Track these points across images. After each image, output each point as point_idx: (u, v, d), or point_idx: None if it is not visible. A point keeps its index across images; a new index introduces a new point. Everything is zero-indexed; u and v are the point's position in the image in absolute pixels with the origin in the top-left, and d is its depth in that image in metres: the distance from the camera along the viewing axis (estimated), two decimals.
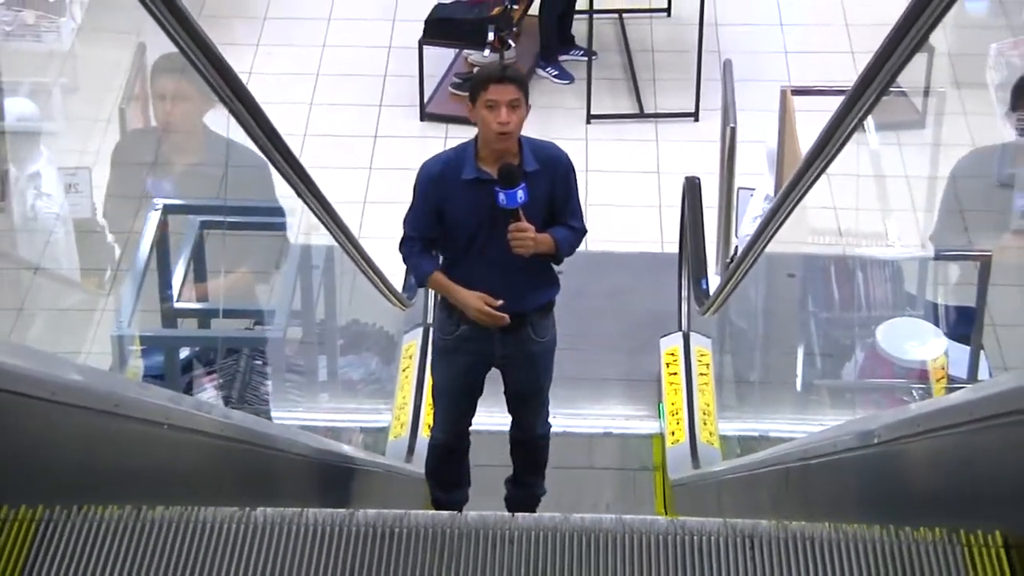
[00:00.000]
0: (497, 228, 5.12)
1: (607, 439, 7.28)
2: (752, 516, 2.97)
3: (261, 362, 5.59)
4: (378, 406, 7.21)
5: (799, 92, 7.56)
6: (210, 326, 5.83)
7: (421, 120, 9.84)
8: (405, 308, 6.95)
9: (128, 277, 5.49)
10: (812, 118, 5.65)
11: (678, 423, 6.83)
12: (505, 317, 5.22)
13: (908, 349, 5.74)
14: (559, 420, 5.96)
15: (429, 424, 5.90)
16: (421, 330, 7.33)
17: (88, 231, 6.52)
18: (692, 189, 7.69)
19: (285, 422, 5.72)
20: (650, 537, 2.43)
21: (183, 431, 3.04)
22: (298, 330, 6.06)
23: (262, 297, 6.07)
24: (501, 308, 5.21)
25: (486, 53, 9.49)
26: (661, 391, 7.19)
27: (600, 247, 8.38)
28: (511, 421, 5.71)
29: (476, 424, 5.70)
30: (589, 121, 9.82)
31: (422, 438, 6.57)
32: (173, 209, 5.65)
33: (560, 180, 5.20)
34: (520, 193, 5.04)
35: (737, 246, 7.29)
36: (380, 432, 6.96)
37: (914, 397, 5.62)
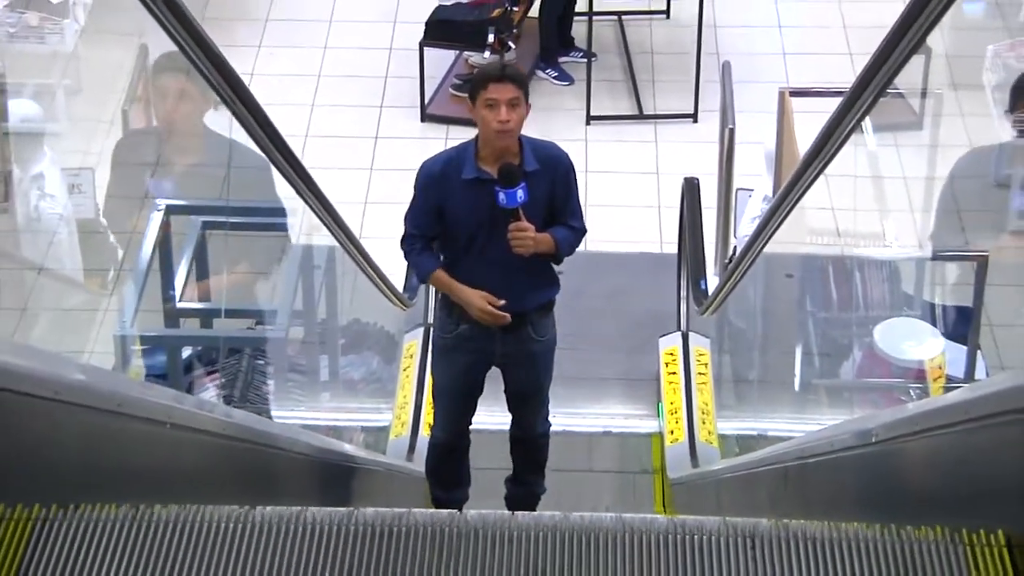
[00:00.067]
0: (497, 228, 5.11)
1: (606, 438, 7.27)
2: (751, 515, 2.97)
3: (263, 362, 5.58)
4: (379, 405, 7.21)
5: (797, 94, 7.55)
6: (212, 326, 5.82)
7: (422, 121, 9.84)
8: (406, 308, 6.94)
9: (130, 277, 5.49)
10: (810, 119, 5.65)
11: (677, 422, 6.83)
12: (506, 316, 5.22)
13: (905, 349, 5.74)
14: (559, 419, 5.96)
15: (429, 423, 5.89)
16: (422, 330, 7.33)
17: (91, 231, 6.52)
18: (691, 190, 7.69)
19: (287, 421, 5.72)
20: (650, 536, 2.42)
21: (185, 430, 3.04)
22: (300, 330, 6.06)
23: (263, 296, 6.06)
24: (502, 307, 5.22)
25: (486, 55, 9.49)
26: (660, 390, 7.19)
27: (599, 247, 8.37)
28: (511, 420, 5.70)
29: (476, 423, 5.69)
30: (589, 122, 9.81)
31: (423, 437, 6.57)
32: (175, 209, 5.65)
33: (560, 180, 5.19)
34: (520, 193, 5.03)
35: (736, 246, 7.28)
36: (381, 431, 6.96)
37: (911, 397, 5.62)
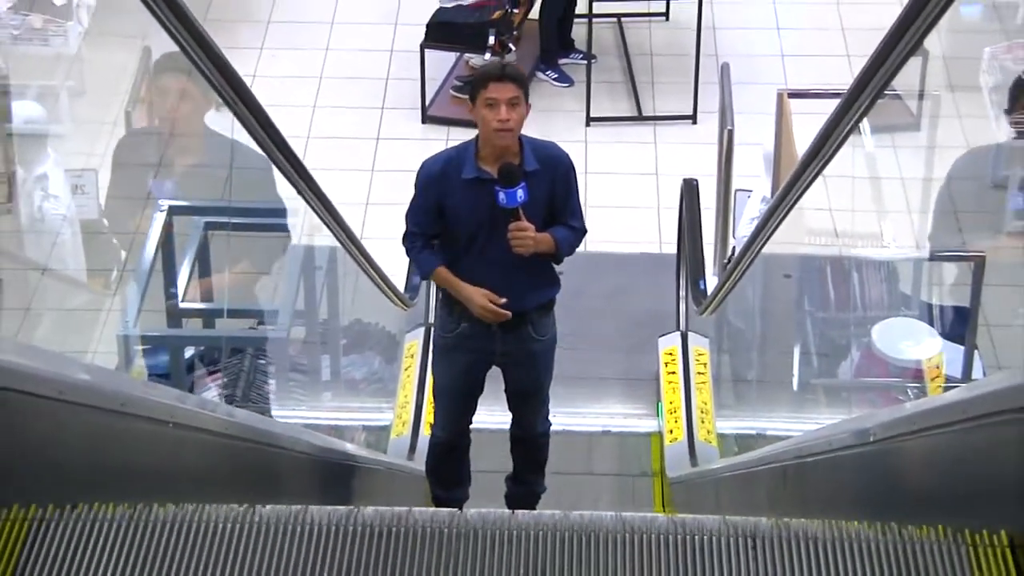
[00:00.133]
0: (497, 227, 5.10)
1: (606, 438, 7.26)
2: (750, 514, 2.97)
3: (265, 361, 5.58)
4: (380, 405, 7.21)
5: (795, 95, 7.55)
6: (215, 326, 5.82)
7: (423, 123, 9.84)
8: (407, 308, 6.94)
9: (133, 277, 5.49)
10: (808, 121, 5.64)
11: (676, 421, 6.82)
12: (507, 313, 5.21)
13: (903, 349, 5.73)
14: (559, 419, 5.95)
15: (430, 423, 5.89)
16: (423, 330, 7.32)
17: (95, 232, 6.52)
18: (690, 191, 7.68)
19: (289, 420, 5.72)
20: (650, 536, 2.41)
21: (188, 429, 3.04)
22: (301, 330, 6.06)
23: (265, 295, 6.06)
24: (502, 305, 5.21)
25: (487, 57, 9.48)
26: (659, 390, 7.19)
27: (599, 248, 8.37)
28: (511, 419, 5.70)
29: (476, 423, 5.69)
30: (588, 123, 9.81)
31: (423, 436, 6.56)
32: (178, 210, 5.65)
33: (560, 180, 5.18)
34: (520, 192, 5.02)
35: (734, 247, 7.28)
36: (382, 430, 6.96)
37: (909, 396, 5.62)
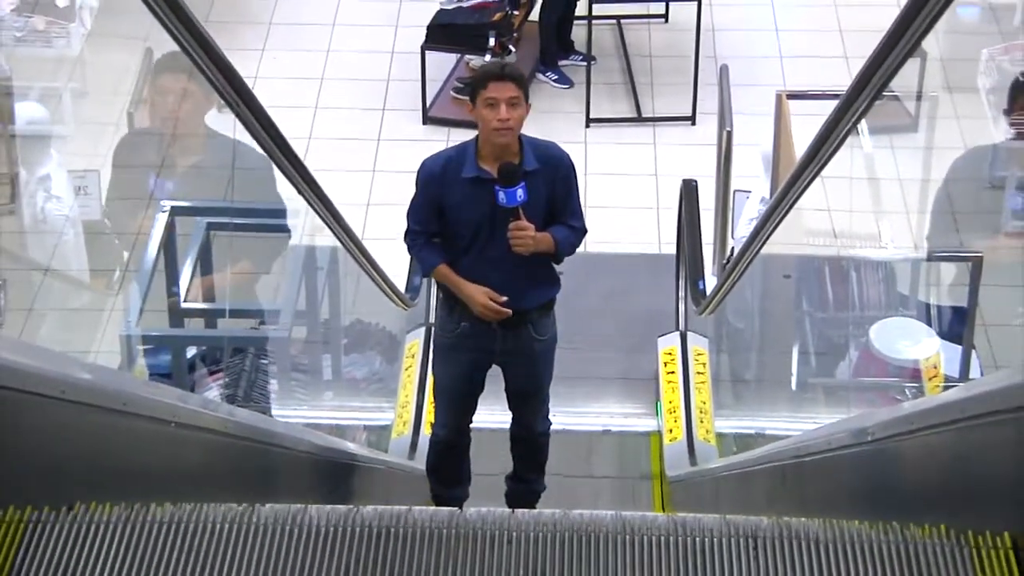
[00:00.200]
0: (497, 227, 5.09)
1: (606, 439, 7.26)
2: (748, 512, 2.96)
3: (267, 361, 5.58)
4: (381, 404, 7.20)
5: (794, 96, 7.56)
6: (216, 326, 5.82)
7: (423, 124, 9.83)
8: (408, 308, 6.94)
9: (136, 277, 5.49)
10: (807, 122, 5.64)
11: (675, 421, 6.82)
12: (507, 311, 5.20)
13: (901, 348, 5.74)
14: (558, 418, 5.95)
15: (431, 422, 5.89)
16: (423, 329, 7.32)
17: (97, 232, 6.52)
18: (689, 191, 7.68)
19: (291, 420, 5.72)
20: (651, 538, 2.40)
21: (190, 429, 3.04)
22: (303, 330, 6.06)
23: (266, 293, 6.05)
24: (502, 304, 5.20)
25: (487, 58, 9.48)
26: (659, 389, 7.18)
27: (599, 248, 8.37)
28: (511, 418, 5.69)
29: (477, 422, 5.69)
30: (588, 125, 9.81)
31: (424, 436, 6.56)
32: (180, 211, 5.65)
33: (560, 180, 5.17)
34: (520, 192, 5.01)
35: (733, 247, 7.28)
36: (383, 430, 6.95)
37: (907, 396, 5.62)
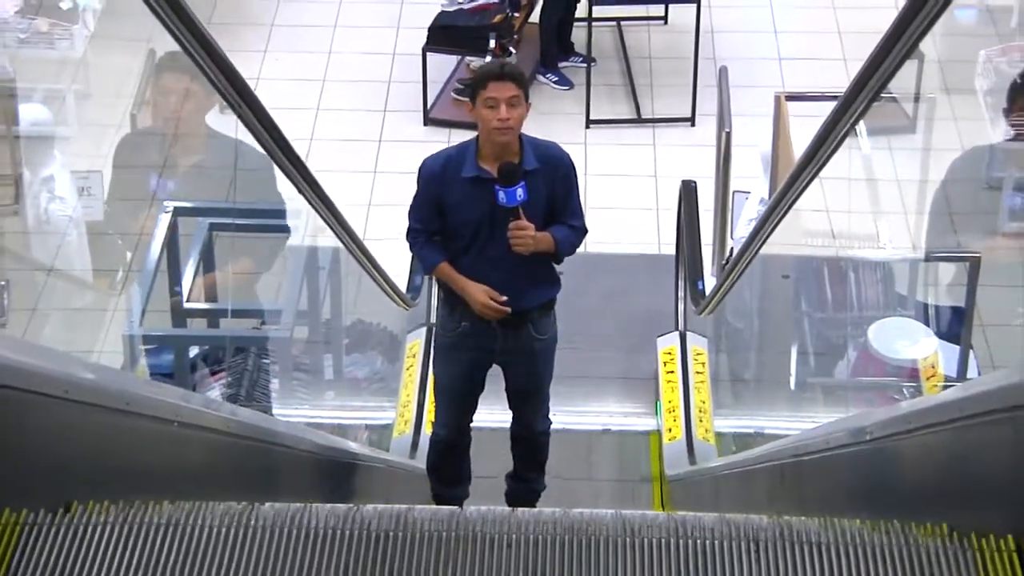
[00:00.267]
0: (497, 226, 5.08)
1: (605, 439, 7.25)
2: (747, 511, 2.96)
3: (269, 361, 5.58)
4: (382, 404, 7.20)
5: (793, 98, 7.56)
6: (219, 326, 5.82)
7: (424, 125, 9.83)
8: (409, 308, 6.94)
9: (139, 278, 5.48)
10: (805, 123, 5.64)
11: (675, 420, 6.82)
12: (507, 310, 5.20)
13: (899, 348, 5.74)
14: (559, 417, 5.95)
15: (432, 421, 5.89)
16: (424, 329, 7.32)
17: (100, 233, 6.52)
18: (688, 192, 7.68)
19: (293, 419, 5.72)
20: (651, 539, 2.38)
21: (193, 428, 3.04)
22: (305, 329, 6.06)
23: (267, 292, 6.04)
24: (502, 303, 5.19)
25: (488, 60, 9.48)
26: (658, 389, 7.19)
27: (599, 248, 8.37)
28: (512, 417, 5.69)
29: (477, 421, 5.69)
30: (588, 126, 9.81)
31: (425, 435, 6.56)
32: (182, 211, 5.65)
33: (561, 179, 5.16)
34: (519, 191, 5.00)
35: (732, 248, 7.28)
36: (384, 429, 6.95)
37: (905, 395, 5.62)
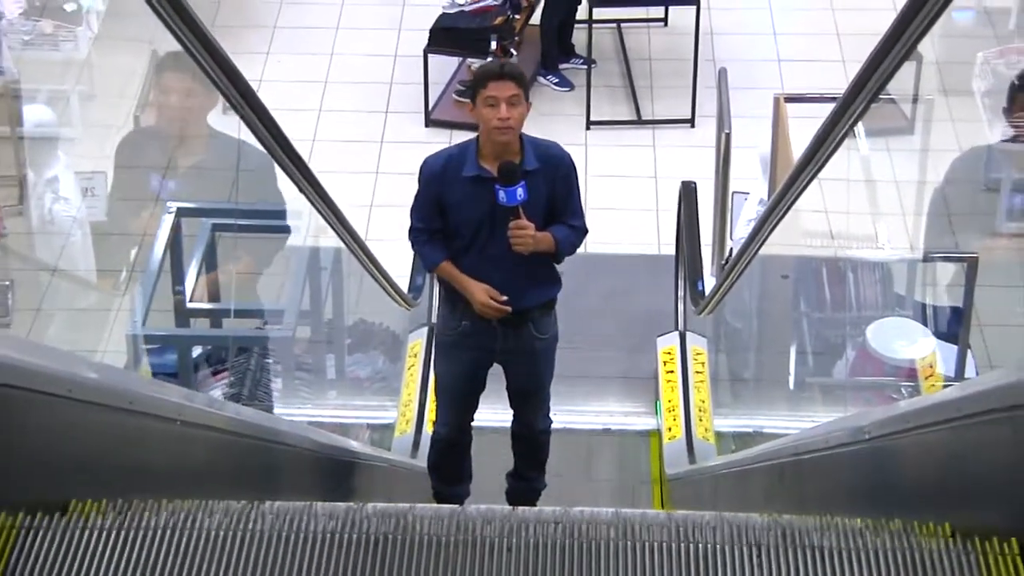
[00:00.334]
0: (498, 225, 5.08)
1: (606, 440, 7.25)
2: (746, 510, 2.96)
3: (271, 360, 5.58)
4: (384, 403, 7.20)
5: (792, 99, 7.55)
6: (222, 325, 5.82)
7: (426, 126, 9.83)
8: (410, 308, 6.94)
9: (142, 278, 5.48)
10: (804, 124, 5.63)
11: (675, 419, 6.82)
12: (507, 309, 5.19)
13: (897, 348, 5.74)
14: (559, 417, 5.95)
15: (433, 420, 5.89)
16: (426, 329, 7.32)
17: (104, 233, 6.52)
18: (688, 193, 7.69)
19: (295, 418, 5.72)
20: (652, 545, 2.37)
21: (196, 427, 3.04)
22: (307, 329, 6.06)
23: (268, 291, 6.04)
24: (503, 302, 5.18)
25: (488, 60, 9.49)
26: (658, 388, 7.19)
27: (599, 249, 8.36)
28: (513, 416, 5.69)
29: (478, 420, 5.69)
30: (588, 127, 9.81)
31: (427, 434, 6.56)
32: (186, 212, 5.65)
33: (561, 179, 5.15)
34: (520, 191, 4.99)
35: (732, 248, 7.28)
36: (386, 428, 6.96)
37: (903, 395, 5.62)
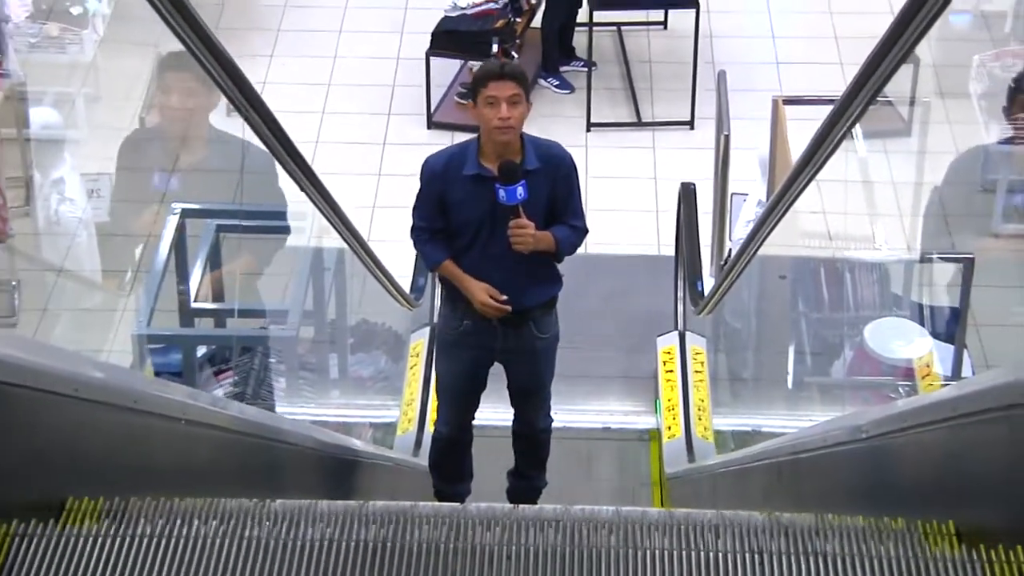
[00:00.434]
0: (498, 224, 5.07)
1: (605, 440, 7.24)
2: (745, 507, 2.96)
3: (275, 360, 5.58)
4: (387, 402, 7.20)
5: (790, 102, 7.55)
6: (226, 325, 5.82)
7: (428, 128, 9.83)
8: (412, 308, 6.94)
9: (147, 278, 5.48)
10: (803, 126, 5.63)
11: (674, 418, 6.82)
12: (507, 308, 5.19)
13: (894, 348, 5.74)
14: (559, 416, 5.94)
15: (434, 419, 5.88)
16: (428, 329, 7.32)
17: (109, 234, 6.52)
18: (687, 194, 7.69)
19: (298, 417, 5.72)
20: (654, 553, 2.36)
21: (200, 426, 3.04)
22: (310, 329, 6.06)
23: (274, 293, 6.03)
24: (503, 301, 5.18)
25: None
26: (658, 388, 7.18)
27: (599, 250, 8.36)
28: (513, 415, 5.69)
29: (479, 419, 5.68)
30: (589, 129, 9.81)
31: (429, 433, 6.56)
32: (191, 213, 5.65)
33: (562, 179, 5.15)
34: (520, 190, 4.99)
35: (731, 249, 7.28)
36: (388, 427, 6.95)
37: (900, 394, 5.62)
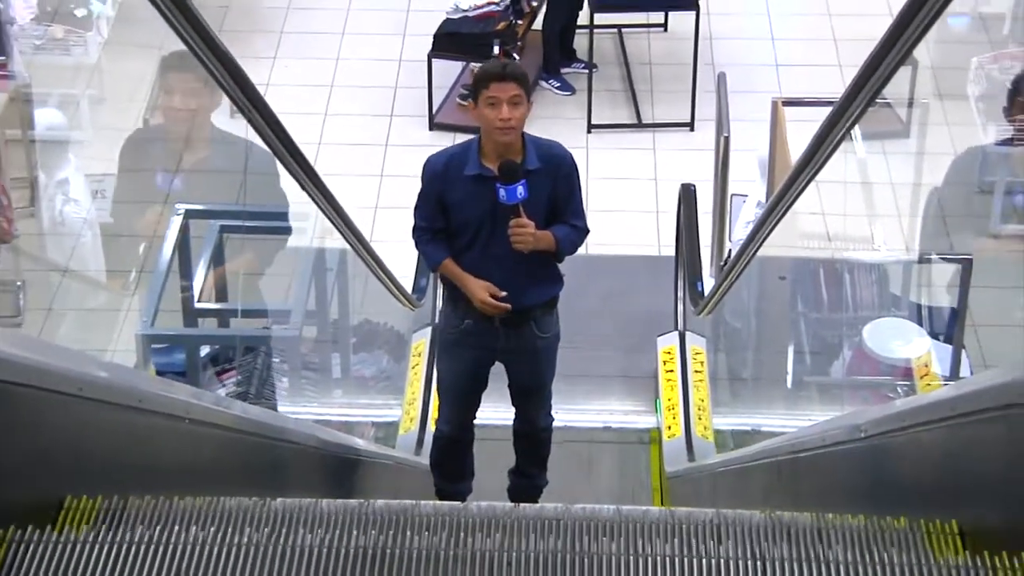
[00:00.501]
0: (499, 224, 5.07)
1: (606, 440, 7.24)
2: (745, 507, 2.96)
3: (278, 359, 5.58)
4: (389, 401, 7.20)
5: (790, 103, 7.55)
6: (229, 325, 5.82)
7: (430, 130, 9.83)
8: (414, 308, 6.94)
9: (151, 278, 5.48)
10: (802, 128, 5.64)
11: (674, 418, 6.82)
12: (507, 307, 5.19)
13: (893, 348, 5.74)
14: (560, 415, 5.94)
15: (436, 418, 5.88)
16: (430, 329, 7.32)
17: (114, 234, 6.52)
18: (688, 195, 7.69)
19: (301, 417, 5.72)
20: (656, 559, 2.36)
21: (203, 425, 3.04)
22: (313, 329, 6.06)
23: (277, 293, 6.03)
24: (503, 300, 5.18)
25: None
26: (658, 387, 7.18)
27: (600, 250, 8.36)
28: (514, 414, 5.69)
29: (480, 418, 5.68)
30: (590, 131, 9.81)
31: (430, 432, 6.56)
32: (194, 214, 5.65)
33: (562, 179, 5.14)
34: (520, 189, 4.98)
35: (730, 250, 7.28)
36: (391, 426, 6.96)
37: (899, 394, 5.62)
